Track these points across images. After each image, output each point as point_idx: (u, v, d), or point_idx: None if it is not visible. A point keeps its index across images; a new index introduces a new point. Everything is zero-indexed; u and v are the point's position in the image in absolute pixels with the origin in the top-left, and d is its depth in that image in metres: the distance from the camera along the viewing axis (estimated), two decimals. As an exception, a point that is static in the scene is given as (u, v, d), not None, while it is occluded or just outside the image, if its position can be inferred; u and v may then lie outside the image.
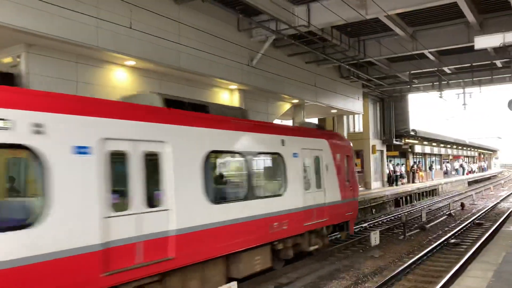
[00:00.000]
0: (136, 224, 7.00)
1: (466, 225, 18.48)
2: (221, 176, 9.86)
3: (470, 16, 18.36)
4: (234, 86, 18.36)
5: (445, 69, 27.81)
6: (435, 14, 19.64)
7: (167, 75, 15.69)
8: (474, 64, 26.72)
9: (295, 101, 22.99)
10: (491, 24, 19.61)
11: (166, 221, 7.52)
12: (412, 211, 24.60)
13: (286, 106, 23.37)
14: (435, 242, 14.96)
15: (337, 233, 14.58)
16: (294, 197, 11.23)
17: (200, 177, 8.31)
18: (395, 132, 35.17)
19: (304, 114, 24.89)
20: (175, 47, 14.42)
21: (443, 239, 15.13)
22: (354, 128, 35.28)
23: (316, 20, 16.80)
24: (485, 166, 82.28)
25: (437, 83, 29.34)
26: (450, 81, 29.18)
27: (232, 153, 9.73)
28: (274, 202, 10.49)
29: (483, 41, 8.94)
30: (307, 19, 16.76)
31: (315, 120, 32.24)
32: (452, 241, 15.19)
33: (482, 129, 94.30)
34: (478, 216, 21.33)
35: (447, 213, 22.52)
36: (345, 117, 30.74)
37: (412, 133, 36.03)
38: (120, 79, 14.22)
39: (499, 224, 17.90)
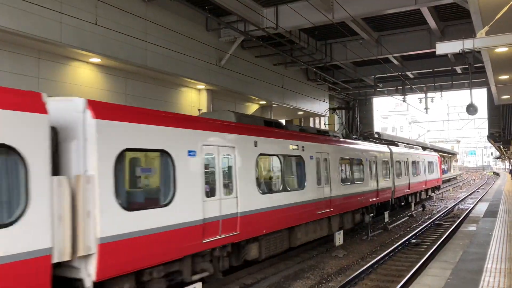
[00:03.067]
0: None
1: (427, 225, 19.04)
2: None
3: (432, 23, 18.99)
4: (201, 86, 18.26)
5: (409, 73, 28.62)
6: (399, 20, 20.21)
7: (134, 73, 15.43)
8: (435, 69, 27.64)
9: (263, 102, 23.08)
10: (452, 31, 20.35)
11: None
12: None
13: (254, 107, 23.44)
14: (397, 242, 15.33)
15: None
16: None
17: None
18: (359, 135, 35.89)
19: (272, 116, 25.03)
20: (142, 45, 14.21)
21: (404, 239, 15.52)
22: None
23: (284, 23, 16.94)
24: (445, 169, 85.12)
25: (401, 87, 30.14)
26: (413, 86, 30.02)
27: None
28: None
29: (444, 47, 9.23)
30: (275, 21, 16.87)
31: (282, 121, 32.42)
32: (413, 241, 15.61)
33: (442, 133, 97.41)
34: (438, 217, 22.02)
35: (408, 214, 23.13)
36: (311, 119, 31.09)
37: (376, 135, 36.85)
38: (84, 77, 13.87)
39: (457, 225, 18.55)
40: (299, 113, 27.74)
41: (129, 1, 13.87)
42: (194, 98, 18.61)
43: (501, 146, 41.63)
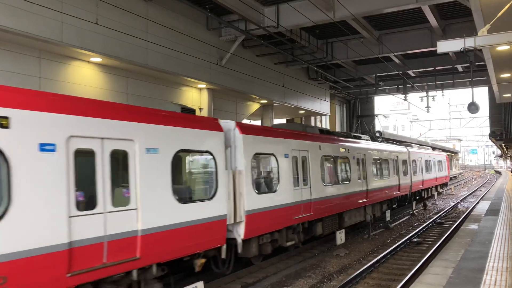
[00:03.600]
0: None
1: (428, 224, 19.02)
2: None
3: (433, 22, 18.95)
4: (202, 85, 18.26)
5: (410, 72, 28.59)
6: (401, 19, 20.17)
7: (135, 72, 15.44)
8: (437, 68, 27.59)
9: (264, 101, 23.07)
10: (453, 29, 20.31)
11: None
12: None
13: (255, 106, 23.43)
14: (399, 240, 15.32)
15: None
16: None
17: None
18: (361, 134, 35.85)
19: (273, 115, 25.03)
20: (143, 44, 14.21)
21: (406, 238, 15.51)
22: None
23: (285, 21, 16.92)
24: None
25: (402, 86, 30.11)
26: (414, 84, 29.99)
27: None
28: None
29: (446, 45, 9.20)
30: (276, 20, 16.86)
31: (283, 121, 32.44)
32: (415, 240, 15.59)
33: (444, 132, 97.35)
34: (440, 215, 22.00)
35: (410, 212, 23.12)
36: (312, 118, 31.09)
37: (377, 134, 36.81)
38: (85, 76, 13.88)
39: (459, 223, 18.53)
40: (300, 112, 27.73)
41: (130, 1, 13.87)
42: (195, 97, 18.61)
43: (503, 145, 41.58)
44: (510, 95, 18.54)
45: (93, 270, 6.52)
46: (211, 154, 9.26)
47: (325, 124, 34.13)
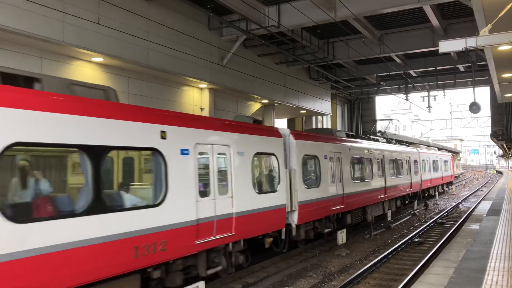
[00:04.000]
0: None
1: (429, 224, 19.00)
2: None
3: (435, 21, 18.93)
4: (204, 85, 18.27)
5: (411, 72, 28.56)
6: (402, 19, 20.16)
7: (136, 72, 15.46)
8: (438, 68, 27.57)
9: (265, 101, 23.08)
10: (454, 29, 20.29)
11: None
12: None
13: (256, 106, 23.43)
14: (400, 241, 15.31)
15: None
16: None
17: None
18: (362, 134, 35.87)
19: (274, 115, 25.03)
20: (144, 44, 14.23)
21: (407, 238, 15.50)
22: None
23: (286, 21, 16.92)
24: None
25: (403, 85, 30.09)
26: (415, 84, 29.96)
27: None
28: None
29: (447, 45, 9.21)
30: (278, 20, 16.86)
31: (284, 121, 32.45)
32: (416, 239, 15.58)
33: (445, 131, 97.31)
34: (441, 215, 21.97)
35: (411, 212, 23.10)
36: (313, 118, 31.08)
37: (378, 134, 36.80)
38: (87, 76, 13.89)
39: (460, 223, 18.51)
40: (302, 112, 27.73)
41: (132, 1, 13.89)
42: (196, 97, 18.62)
43: (504, 145, 41.52)
44: (511, 95, 18.52)
45: (208, 241, 8.91)
46: (275, 156, 11.62)
47: (326, 124, 34.14)
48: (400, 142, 30.44)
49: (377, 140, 21.27)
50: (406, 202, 23.77)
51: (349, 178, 15.84)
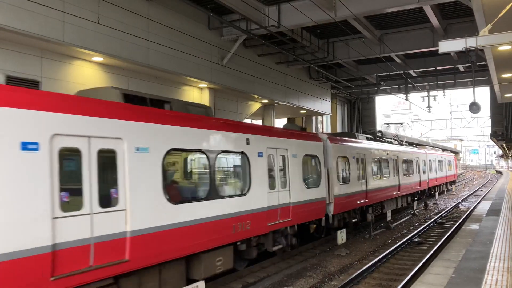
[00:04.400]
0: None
1: (429, 224, 19.02)
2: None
3: (435, 21, 18.93)
4: (204, 84, 18.26)
5: (411, 72, 28.56)
6: (402, 19, 20.16)
7: (136, 72, 15.45)
8: (438, 68, 27.57)
9: (265, 101, 23.07)
10: (454, 29, 20.28)
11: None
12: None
13: (256, 106, 23.43)
14: (400, 240, 15.33)
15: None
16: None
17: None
18: (362, 133, 35.85)
19: (274, 114, 25.02)
20: (144, 44, 14.22)
21: (407, 237, 15.52)
22: (322, 129, 35.79)
23: (286, 21, 16.92)
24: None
25: (403, 85, 30.08)
26: (415, 84, 29.96)
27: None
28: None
29: (447, 45, 9.20)
30: (278, 20, 16.86)
31: (284, 120, 32.45)
32: (416, 239, 15.59)
33: (445, 131, 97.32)
34: (441, 215, 21.99)
35: (411, 212, 23.10)
36: (313, 118, 31.07)
37: (378, 134, 36.80)
38: (87, 76, 13.90)
39: (460, 223, 18.52)
40: (302, 111, 27.72)
41: (132, 0, 13.88)
42: (196, 97, 18.62)
43: (504, 145, 41.51)
44: (511, 95, 18.51)
45: (274, 224, 11.21)
46: (317, 157, 14.06)
47: (326, 124, 34.17)
48: (410, 143, 33.08)
49: (390, 142, 23.88)
50: (416, 198, 26.27)
51: (371, 176, 18.21)
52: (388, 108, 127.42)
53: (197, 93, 18.71)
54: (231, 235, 9.60)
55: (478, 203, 25.84)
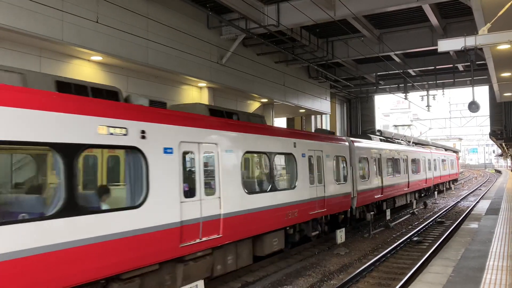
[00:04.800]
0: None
1: (428, 223, 19.02)
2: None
3: (434, 20, 18.93)
4: (203, 83, 18.25)
5: (410, 71, 28.56)
6: (401, 18, 20.15)
7: (135, 71, 15.43)
8: (437, 67, 27.56)
9: (264, 100, 23.06)
10: (454, 28, 20.28)
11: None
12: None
13: (256, 105, 23.42)
14: (399, 239, 15.33)
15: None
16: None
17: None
18: (361, 133, 35.85)
19: (273, 113, 25.01)
20: (143, 43, 14.20)
21: (406, 237, 15.52)
22: (321, 128, 35.81)
23: (285, 20, 16.91)
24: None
25: (403, 85, 30.08)
26: (414, 83, 29.96)
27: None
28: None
29: (446, 44, 9.20)
30: (277, 19, 16.84)
31: (283, 120, 32.44)
32: (415, 238, 15.60)
33: (444, 131, 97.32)
34: (440, 214, 22.00)
35: (410, 211, 23.12)
36: (313, 117, 31.06)
37: (377, 133, 36.78)
38: (86, 75, 13.87)
39: (459, 222, 18.53)
40: (301, 111, 27.71)
41: (131, -1, 13.86)
42: (195, 96, 18.61)
43: (503, 144, 41.54)
44: (510, 94, 18.53)
45: (314, 213, 13.45)
46: (344, 157, 16.05)
47: (326, 123, 34.17)
48: (415, 143, 34.90)
49: (399, 143, 26.00)
50: (422, 195, 29.11)
51: (385, 174, 20.27)
52: (387, 107, 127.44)
53: (196, 92, 18.70)
54: (284, 221, 11.79)
55: (477, 202, 25.85)
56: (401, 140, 28.60)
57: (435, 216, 21.22)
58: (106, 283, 6.97)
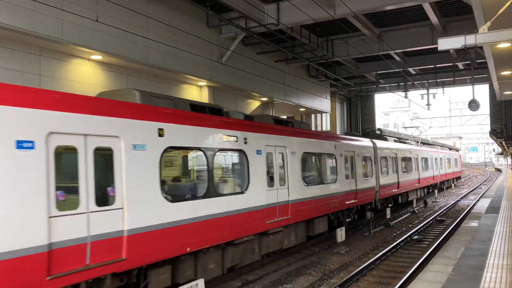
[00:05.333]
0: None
1: (429, 222, 19.03)
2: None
3: (434, 19, 18.91)
4: (203, 82, 18.24)
5: (410, 70, 28.53)
6: (401, 16, 20.12)
7: (135, 70, 15.42)
8: (437, 65, 27.53)
9: (264, 99, 23.05)
10: (454, 27, 20.26)
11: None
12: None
13: (256, 104, 23.41)
14: (399, 238, 15.35)
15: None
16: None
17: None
18: (361, 131, 35.85)
19: (273, 112, 25.00)
20: (143, 42, 14.19)
21: (406, 235, 15.53)
22: (321, 127, 35.77)
23: (285, 19, 16.89)
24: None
25: (403, 83, 30.06)
26: (414, 82, 29.93)
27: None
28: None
29: (446, 43, 9.19)
30: (277, 18, 16.82)
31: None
32: (415, 237, 15.61)
33: (444, 129, 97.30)
34: (440, 213, 22.01)
35: (410, 210, 23.13)
36: (313, 116, 31.04)
37: (377, 132, 36.77)
38: (86, 74, 13.87)
39: (459, 221, 18.54)
40: (301, 109, 27.71)
41: (130, -2, 13.84)
42: (195, 95, 18.60)
43: (503, 142, 41.52)
44: (510, 92, 18.51)
45: (348, 203, 15.99)
46: (370, 156, 18.49)
47: (326, 121, 34.16)
48: (423, 143, 38.23)
49: (409, 143, 29.02)
50: (430, 190, 32.34)
51: (401, 171, 22.97)
52: (388, 106, 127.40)
53: (196, 91, 18.69)
54: (329, 208, 14.40)
55: (477, 200, 25.86)
56: (410, 140, 31.97)
57: (435, 214, 21.22)
58: (225, 246, 9.75)
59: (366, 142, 18.79)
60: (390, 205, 19.95)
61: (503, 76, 14.67)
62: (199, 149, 9.06)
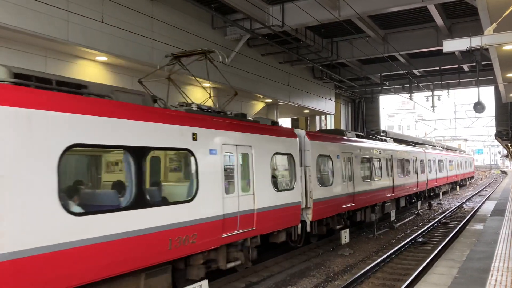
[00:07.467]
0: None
1: (433, 224, 18.95)
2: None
3: (439, 21, 18.87)
4: (207, 84, 18.27)
5: (415, 71, 28.47)
6: (406, 18, 20.10)
7: (140, 71, 15.45)
8: (442, 67, 27.47)
9: (269, 100, 23.06)
10: (459, 29, 20.20)
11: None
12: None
13: (260, 105, 23.42)
14: (404, 240, 15.28)
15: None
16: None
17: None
18: (366, 133, 35.74)
19: (277, 114, 25.01)
20: (148, 43, 14.24)
21: (411, 237, 15.47)
22: (326, 128, 35.74)
23: (290, 20, 16.90)
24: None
25: (407, 85, 30.00)
26: (419, 84, 29.86)
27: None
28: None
29: (451, 45, 9.16)
30: (282, 19, 16.84)
31: (288, 120, 32.42)
32: (420, 239, 15.54)
33: (449, 131, 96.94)
34: (445, 215, 21.91)
35: (415, 212, 23.04)
36: (317, 117, 31.03)
37: (382, 134, 36.64)
38: (91, 75, 13.92)
39: (464, 223, 18.44)
40: (305, 111, 27.70)
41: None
42: (199, 97, 18.61)
43: (509, 145, 41.32)
44: (516, 94, 18.40)
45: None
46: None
47: (330, 123, 34.12)
48: (442, 147, 42.05)
49: (425, 147, 31.09)
50: (452, 186, 37.23)
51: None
52: (392, 107, 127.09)
53: (200, 93, 18.71)
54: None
55: (483, 203, 25.73)
56: (429, 145, 36.34)
57: (440, 217, 21.13)
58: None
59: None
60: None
61: (509, 78, 14.60)
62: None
